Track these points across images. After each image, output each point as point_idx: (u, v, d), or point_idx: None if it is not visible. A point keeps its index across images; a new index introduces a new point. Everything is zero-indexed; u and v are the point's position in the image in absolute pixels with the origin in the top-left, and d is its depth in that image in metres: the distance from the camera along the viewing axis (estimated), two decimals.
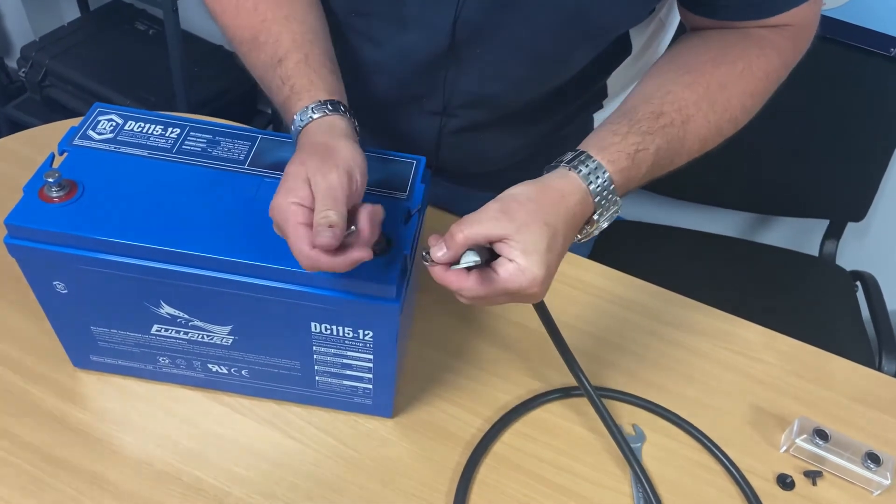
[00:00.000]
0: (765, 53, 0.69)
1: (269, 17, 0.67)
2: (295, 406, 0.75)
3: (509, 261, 0.56)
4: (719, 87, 0.67)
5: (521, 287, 0.56)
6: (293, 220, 0.55)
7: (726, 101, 0.67)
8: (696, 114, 0.65)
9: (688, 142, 0.65)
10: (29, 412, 0.71)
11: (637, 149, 0.62)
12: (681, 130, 0.65)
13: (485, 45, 0.73)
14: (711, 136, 0.67)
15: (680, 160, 0.66)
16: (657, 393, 0.80)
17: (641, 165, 0.62)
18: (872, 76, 1.38)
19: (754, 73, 0.68)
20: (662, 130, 0.63)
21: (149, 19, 1.99)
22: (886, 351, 1.30)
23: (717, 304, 0.90)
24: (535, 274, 0.55)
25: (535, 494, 0.71)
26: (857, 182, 1.47)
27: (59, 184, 0.61)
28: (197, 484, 0.68)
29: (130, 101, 1.77)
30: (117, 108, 0.70)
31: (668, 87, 0.66)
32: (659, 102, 0.65)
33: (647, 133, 0.63)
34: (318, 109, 0.61)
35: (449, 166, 0.88)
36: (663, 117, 0.64)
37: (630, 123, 0.63)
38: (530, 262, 0.55)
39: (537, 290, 0.56)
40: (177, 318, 0.66)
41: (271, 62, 0.65)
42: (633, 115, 0.64)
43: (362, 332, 0.64)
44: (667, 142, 0.64)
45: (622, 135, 0.62)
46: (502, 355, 0.81)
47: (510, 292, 0.56)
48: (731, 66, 0.68)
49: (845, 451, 0.75)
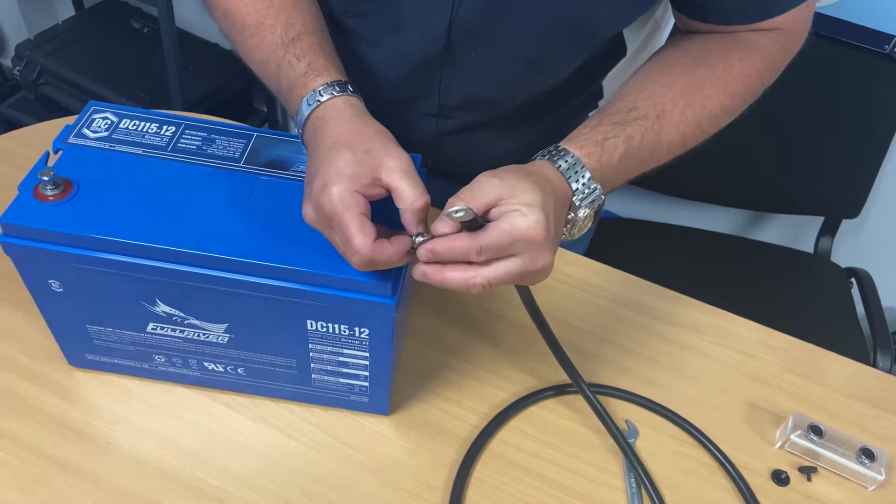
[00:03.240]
0: (748, 57, 0.70)
1: (276, 4, 0.67)
2: (291, 404, 0.75)
3: (511, 211, 0.53)
4: (697, 85, 0.67)
5: (528, 234, 0.52)
6: (357, 209, 0.52)
7: (704, 99, 0.67)
8: (672, 109, 0.66)
9: (665, 135, 0.66)
10: (24, 411, 0.71)
11: (605, 137, 0.62)
12: (655, 124, 0.65)
13: (479, 48, 0.73)
14: (690, 132, 0.67)
15: (660, 153, 0.67)
16: (651, 389, 0.81)
17: (612, 152, 0.62)
18: (867, 73, 1.38)
19: (734, 76, 0.69)
20: (634, 122, 0.64)
21: (143, 17, 1.99)
22: (881, 347, 1.31)
23: (712, 300, 0.90)
24: (540, 218, 0.53)
25: (531, 490, 0.71)
26: (851, 179, 1.47)
27: (54, 182, 0.61)
28: (194, 482, 0.68)
29: (125, 100, 1.76)
30: (112, 107, 0.70)
31: (643, 86, 0.67)
32: (633, 98, 0.66)
33: (616, 124, 0.63)
34: (342, 87, 0.60)
35: (445, 167, 0.88)
36: (635, 111, 0.65)
37: (601, 117, 0.64)
38: (532, 211, 0.53)
39: (544, 240, 0.53)
40: (172, 316, 0.66)
41: (282, 41, 0.64)
42: (605, 111, 0.65)
43: (358, 329, 0.64)
44: (640, 132, 0.64)
45: (591, 126, 0.63)
46: (498, 353, 0.82)
47: (517, 241, 0.53)
48: (710, 68, 0.69)
49: (840, 446, 0.75)
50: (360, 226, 0.52)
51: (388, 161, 0.54)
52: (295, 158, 0.68)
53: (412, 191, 0.54)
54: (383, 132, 0.58)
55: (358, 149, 0.55)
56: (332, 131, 0.57)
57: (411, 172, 0.54)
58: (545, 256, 0.55)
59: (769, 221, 1.75)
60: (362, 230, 0.52)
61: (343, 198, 0.52)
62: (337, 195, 0.52)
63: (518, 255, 0.54)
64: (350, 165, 0.53)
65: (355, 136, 0.56)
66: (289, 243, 0.61)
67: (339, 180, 0.53)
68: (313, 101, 0.60)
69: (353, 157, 0.54)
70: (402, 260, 0.55)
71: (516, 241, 0.53)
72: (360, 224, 0.52)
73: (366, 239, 0.52)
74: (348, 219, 0.52)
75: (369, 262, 0.53)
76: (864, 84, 1.39)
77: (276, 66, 0.64)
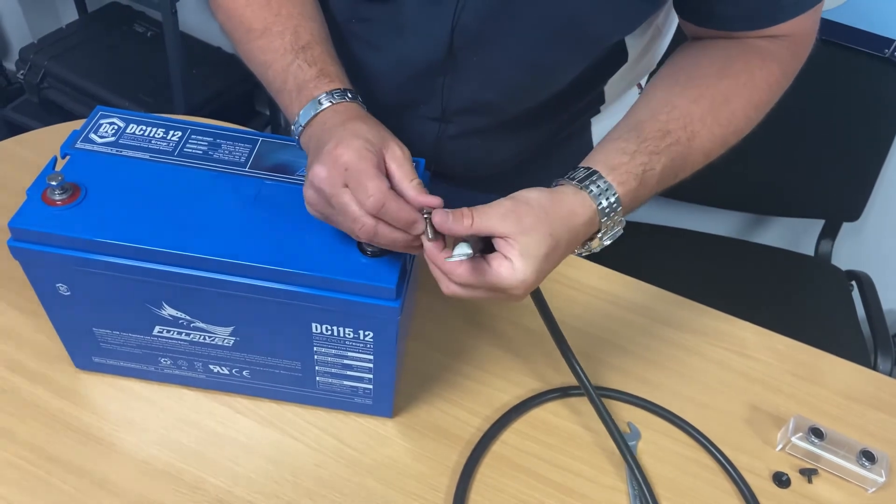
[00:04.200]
0: (766, 65, 0.70)
1: (284, 13, 0.68)
2: (295, 406, 0.75)
3: (505, 258, 0.56)
4: (724, 100, 0.68)
5: (510, 286, 0.56)
6: (372, 161, 0.54)
7: (730, 115, 0.68)
8: (701, 129, 0.66)
9: (692, 157, 0.66)
10: (31, 413, 0.72)
11: (644, 169, 0.63)
12: (686, 148, 0.65)
13: (481, 53, 0.74)
14: (716, 149, 0.68)
15: (683, 174, 0.67)
16: (653, 391, 0.81)
17: (648, 185, 0.63)
18: (867, 77, 1.39)
19: (757, 85, 0.69)
20: (668, 149, 0.64)
21: (147, 21, 1.99)
22: (881, 350, 1.31)
23: (714, 303, 0.91)
24: (526, 277, 0.56)
25: (534, 493, 0.72)
26: (852, 182, 1.47)
27: (63, 187, 0.62)
28: (198, 483, 0.69)
29: (128, 103, 1.77)
30: (119, 112, 0.71)
31: (673, 102, 0.67)
32: (665, 119, 0.65)
33: (653, 153, 0.63)
34: (353, 95, 0.64)
35: (448, 170, 0.89)
36: (669, 136, 0.65)
37: (638, 142, 0.64)
38: (525, 265, 0.55)
39: (521, 293, 0.57)
40: (179, 319, 0.66)
41: (292, 47, 0.66)
42: (641, 133, 0.65)
43: (363, 332, 0.64)
44: (671, 160, 0.64)
45: (630, 154, 0.63)
46: (501, 355, 0.82)
47: (496, 288, 0.57)
48: (734, 78, 0.69)
49: (840, 448, 0.76)
50: (377, 173, 0.54)
51: (394, 146, 0.57)
52: (299, 163, 0.69)
53: (411, 173, 0.57)
54: (387, 131, 0.61)
55: (371, 123, 0.59)
56: (342, 119, 0.60)
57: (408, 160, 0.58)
58: (517, 298, 0.58)
59: (770, 224, 1.75)
60: (378, 175, 0.54)
61: (359, 149, 0.55)
62: (356, 147, 0.55)
63: (494, 292, 0.58)
64: (365, 132, 0.57)
65: (366, 120, 0.60)
66: (294, 247, 0.62)
67: (357, 136, 0.56)
68: (326, 101, 0.62)
69: (367, 127, 0.58)
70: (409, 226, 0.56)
71: (495, 286, 0.56)
72: (376, 171, 0.54)
73: (381, 182, 0.54)
74: (364, 166, 0.54)
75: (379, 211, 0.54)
76: (864, 87, 1.39)
77: (283, 69, 0.66)
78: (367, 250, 0.62)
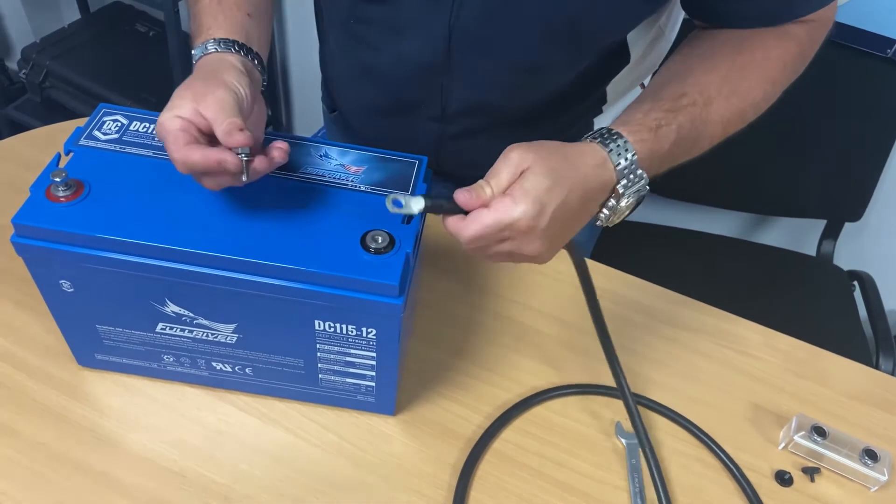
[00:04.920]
0: (783, 43, 0.70)
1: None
2: (298, 404, 0.75)
3: (505, 195, 0.55)
4: (740, 72, 0.68)
5: (511, 220, 0.54)
6: (172, 128, 0.59)
7: (747, 87, 0.68)
8: (717, 96, 0.66)
9: (710, 124, 0.66)
10: (34, 410, 0.72)
11: (659, 124, 0.62)
12: (703, 111, 0.65)
13: (480, 53, 0.74)
14: (734, 120, 0.68)
15: (703, 142, 0.67)
16: (656, 390, 0.81)
17: (664, 141, 0.62)
18: (869, 77, 1.39)
19: (773, 61, 0.69)
20: (685, 109, 0.64)
21: (148, 21, 2.00)
22: (883, 349, 1.31)
23: (716, 303, 0.91)
24: (526, 209, 0.54)
25: (535, 490, 0.72)
26: (854, 182, 1.48)
27: (66, 183, 0.62)
28: (201, 481, 0.69)
29: (131, 102, 1.77)
30: (122, 109, 0.71)
31: (690, 71, 0.67)
32: (681, 83, 0.66)
33: (668, 111, 0.63)
34: (213, 45, 0.66)
35: (450, 170, 0.89)
36: (685, 97, 0.65)
37: (653, 101, 0.64)
38: (524, 196, 0.55)
39: (529, 230, 0.55)
40: (182, 316, 0.66)
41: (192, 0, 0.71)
42: (657, 94, 0.65)
43: (365, 329, 0.65)
44: (689, 120, 0.64)
45: (644, 111, 0.63)
46: (502, 354, 0.82)
47: (501, 227, 0.55)
48: (750, 53, 0.69)
49: (843, 447, 0.76)
50: (175, 138, 0.59)
51: (207, 97, 0.60)
52: (303, 160, 0.69)
53: (221, 116, 0.59)
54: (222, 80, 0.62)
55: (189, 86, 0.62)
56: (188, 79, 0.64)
57: (226, 106, 0.60)
58: (533, 244, 0.57)
59: (772, 224, 1.75)
60: (175, 140, 0.58)
61: (162, 121, 0.60)
62: (160, 121, 0.60)
63: (507, 239, 0.57)
64: (175, 99, 0.61)
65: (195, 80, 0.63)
66: (297, 244, 0.62)
67: (164, 111, 0.60)
68: (193, 60, 0.67)
69: (179, 93, 0.61)
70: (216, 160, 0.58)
71: (503, 229, 0.55)
72: (174, 136, 0.59)
73: (177, 145, 0.58)
74: (164, 135, 0.59)
75: (185, 164, 0.58)
76: (866, 87, 1.39)
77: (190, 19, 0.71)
78: (371, 247, 0.62)
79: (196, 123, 0.59)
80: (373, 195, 0.67)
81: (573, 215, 0.58)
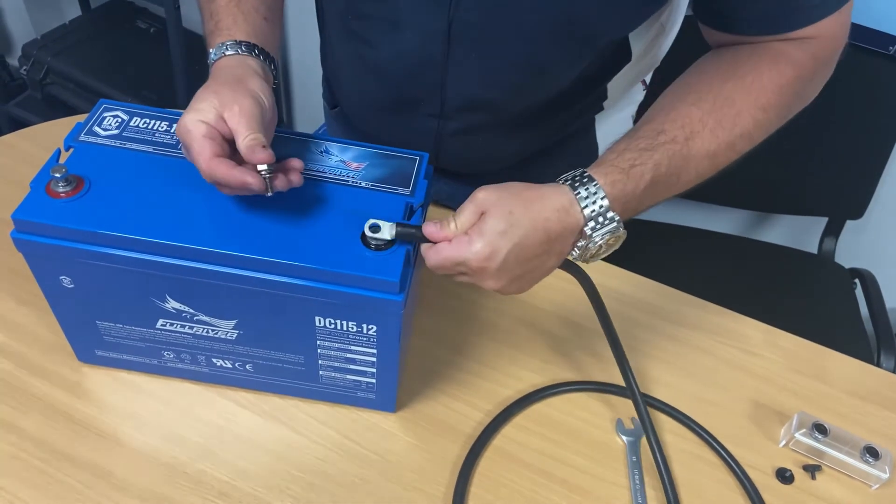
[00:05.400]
0: (777, 67, 0.68)
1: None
2: (298, 400, 0.75)
3: (465, 234, 0.59)
4: (727, 101, 0.66)
5: (465, 258, 0.59)
6: (198, 134, 0.59)
7: (735, 116, 0.66)
8: (701, 130, 0.65)
9: (693, 158, 0.65)
10: (34, 407, 0.72)
11: (632, 164, 0.62)
12: (684, 147, 0.64)
13: (479, 49, 0.73)
14: (722, 152, 0.66)
15: (688, 176, 0.66)
16: (657, 388, 0.81)
17: (638, 181, 0.62)
18: (871, 74, 1.38)
19: (765, 86, 0.67)
20: (662, 147, 0.64)
21: (149, 17, 2.00)
22: (885, 347, 1.31)
23: (717, 301, 0.91)
24: (478, 250, 0.58)
25: (535, 486, 0.72)
26: (855, 180, 1.47)
27: (66, 179, 0.62)
28: (202, 477, 0.69)
29: (131, 99, 1.77)
30: (123, 105, 0.71)
31: (672, 106, 0.66)
32: (661, 121, 0.65)
33: (644, 150, 0.63)
34: (233, 48, 0.66)
35: (450, 167, 0.89)
36: (664, 134, 0.64)
37: (629, 140, 0.64)
38: (479, 238, 0.58)
39: (480, 267, 0.59)
40: (182, 312, 0.66)
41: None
42: (635, 133, 0.65)
43: (366, 326, 0.64)
44: (668, 157, 0.64)
45: (619, 151, 0.63)
46: (503, 351, 0.82)
47: (457, 262, 0.59)
48: (739, 80, 0.67)
49: (844, 445, 0.75)
50: (201, 146, 0.59)
51: (234, 106, 0.60)
52: (304, 157, 0.69)
53: (244, 129, 0.60)
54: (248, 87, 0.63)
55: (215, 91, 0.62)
56: (211, 81, 0.64)
57: (251, 118, 0.60)
58: (487, 280, 0.61)
59: (773, 222, 1.75)
60: (202, 150, 0.59)
61: (185, 123, 0.60)
62: (183, 122, 0.60)
63: (464, 273, 0.61)
64: (200, 101, 0.61)
65: (221, 84, 0.63)
66: (298, 240, 0.62)
67: (188, 112, 0.61)
68: (210, 60, 0.67)
69: (204, 96, 0.62)
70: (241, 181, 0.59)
71: (458, 264, 0.60)
72: (200, 144, 0.59)
73: (205, 154, 0.59)
74: (190, 139, 0.60)
75: (211, 175, 0.59)
76: (867, 85, 1.39)
77: (202, 19, 0.72)
78: (371, 244, 0.62)
79: (220, 130, 0.60)
80: (374, 192, 0.67)
81: (534, 256, 0.61)
